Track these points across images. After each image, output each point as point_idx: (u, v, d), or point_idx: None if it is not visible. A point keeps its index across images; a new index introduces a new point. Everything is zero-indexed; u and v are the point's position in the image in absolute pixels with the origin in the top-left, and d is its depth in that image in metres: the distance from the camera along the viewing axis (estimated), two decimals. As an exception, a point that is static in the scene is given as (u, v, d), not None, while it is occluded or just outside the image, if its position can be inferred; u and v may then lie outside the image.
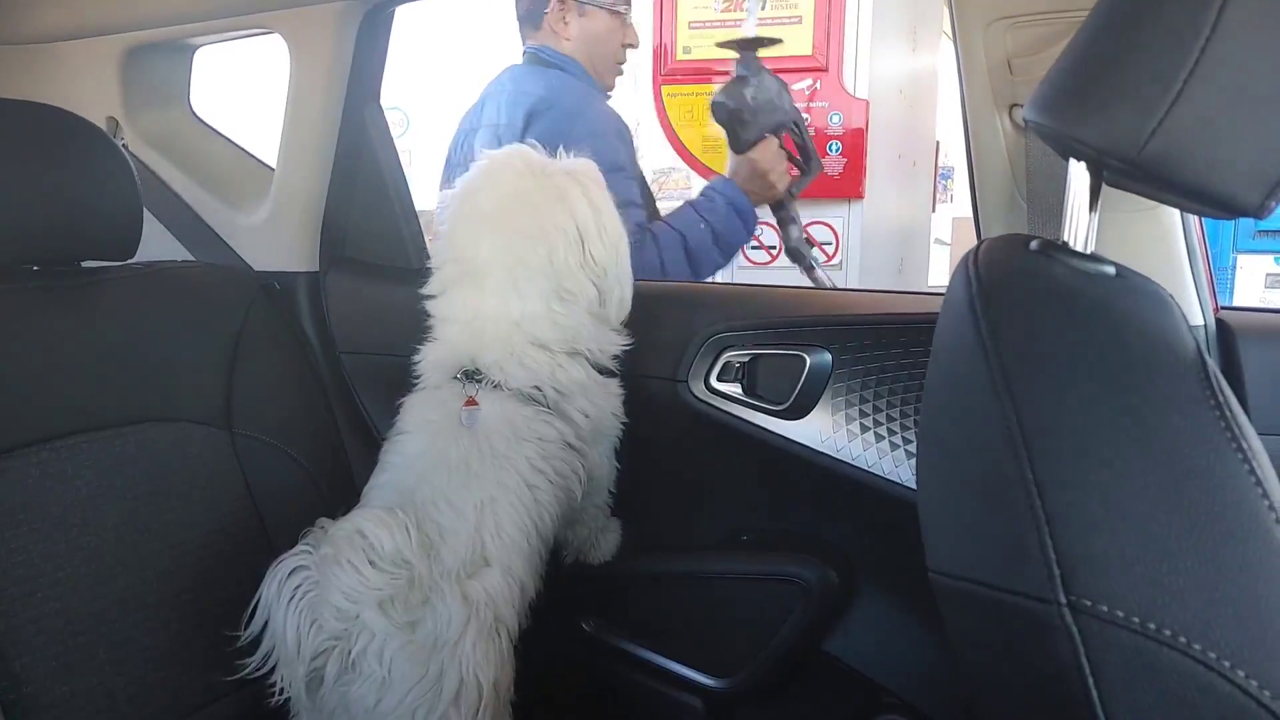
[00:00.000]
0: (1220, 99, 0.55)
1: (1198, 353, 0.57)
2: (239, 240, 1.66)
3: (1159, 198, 0.66)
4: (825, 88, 2.88)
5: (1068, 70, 0.64)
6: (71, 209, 1.20)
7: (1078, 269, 0.65)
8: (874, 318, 1.30)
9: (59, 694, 1.06)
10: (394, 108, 4.01)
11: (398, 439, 1.24)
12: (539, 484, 1.19)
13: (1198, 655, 0.50)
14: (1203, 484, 0.53)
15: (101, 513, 1.16)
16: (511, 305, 1.21)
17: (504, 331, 1.22)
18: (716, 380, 1.37)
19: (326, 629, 1.00)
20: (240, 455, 1.34)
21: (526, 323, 1.21)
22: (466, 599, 1.07)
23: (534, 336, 1.22)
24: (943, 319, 0.72)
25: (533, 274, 1.20)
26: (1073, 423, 0.56)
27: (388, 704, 1.02)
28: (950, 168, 5.61)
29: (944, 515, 0.69)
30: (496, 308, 1.22)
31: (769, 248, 2.97)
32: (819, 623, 1.38)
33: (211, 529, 1.27)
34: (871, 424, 1.25)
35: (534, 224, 1.20)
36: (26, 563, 1.07)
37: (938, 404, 0.72)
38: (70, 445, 1.15)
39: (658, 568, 1.49)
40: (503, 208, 1.22)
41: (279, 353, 1.48)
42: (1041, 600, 0.54)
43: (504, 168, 1.24)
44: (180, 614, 1.20)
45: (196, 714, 1.18)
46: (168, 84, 1.73)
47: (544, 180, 1.22)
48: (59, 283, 1.24)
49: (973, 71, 1.15)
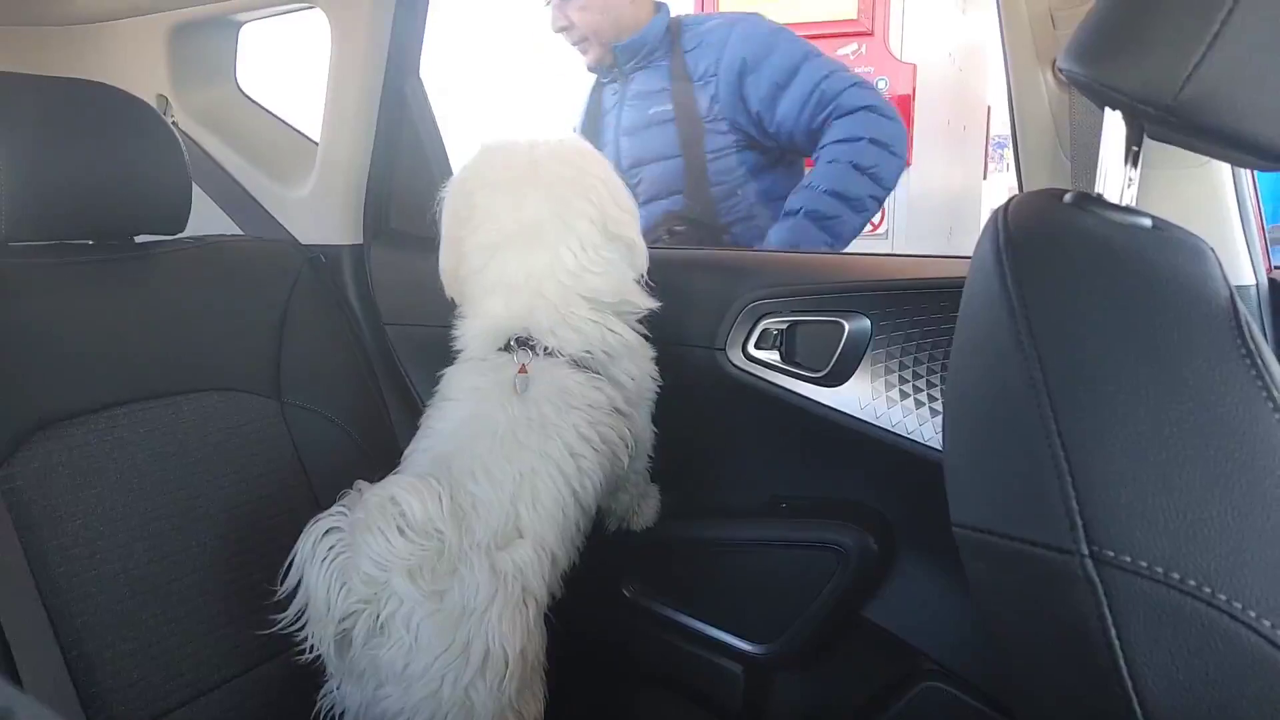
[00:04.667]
0: (1257, 43, 0.53)
1: (1230, 302, 0.56)
2: (285, 214, 1.70)
3: (1197, 147, 0.64)
4: (871, 52, 2.84)
5: (1102, 17, 0.63)
6: (124, 185, 1.24)
7: (1111, 220, 0.63)
8: (914, 283, 1.29)
9: (119, 650, 1.10)
10: (444, 90, 4.01)
11: (442, 406, 1.25)
12: (584, 452, 1.20)
13: (1222, 605, 0.49)
14: (1231, 433, 0.52)
15: (158, 478, 1.20)
16: (565, 257, 1.22)
17: (556, 291, 1.23)
18: (754, 348, 1.36)
19: (355, 592, 1.02)
20: (290, 423, 1.37)
21: (580, 275, 1.23)
22: (495, 570, 1.08)
23: (587, 289, 1.23)
24: (971, 273, 0.71)
25: (583, 219, 1.23)
26: (1097, 372, 0.55)
27: (415, 669, 1.04)
28: (1005, 137, 5.47)
29: (967, 468, 0.68)
30: (549, 263, 1.23)
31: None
32: (858, 589, 1.38)
33: (263, 494, 1.31)
34: (911, 390, 1.23)
35: (575, 174, 1.24)
36: (88, 525, 1.12)
37: (964, 357, 0.72)
38: (127, 413, 1.20)
39: (697, 534, 1.50)
40: (538, 166, 1.24)
41: (325, 324, 1.51)
42: (1063, 551, 0.54)
43: (511, 142, 1.29)
44: (233, 576, 1.24)
45: (249, 672, 1.22)
46: (214, 61, 1.77)
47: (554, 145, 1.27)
48: (113, 256, 1.28)
49: (1014, 25, 1.12)
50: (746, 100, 1.89)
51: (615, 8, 1.95)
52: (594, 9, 1.94)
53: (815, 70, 1.85)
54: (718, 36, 1.92)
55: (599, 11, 1.95)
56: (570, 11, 1.95)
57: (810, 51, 1.89)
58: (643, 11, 1.98)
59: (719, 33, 1.93)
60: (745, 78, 1.88)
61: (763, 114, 1.88)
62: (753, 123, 1.91)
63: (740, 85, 1.88)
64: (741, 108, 1.90)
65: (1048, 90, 1.14)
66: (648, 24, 1.97)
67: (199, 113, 1.73)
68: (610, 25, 1.96)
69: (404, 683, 1.05)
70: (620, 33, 1.97)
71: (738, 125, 1.92)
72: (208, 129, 1.72)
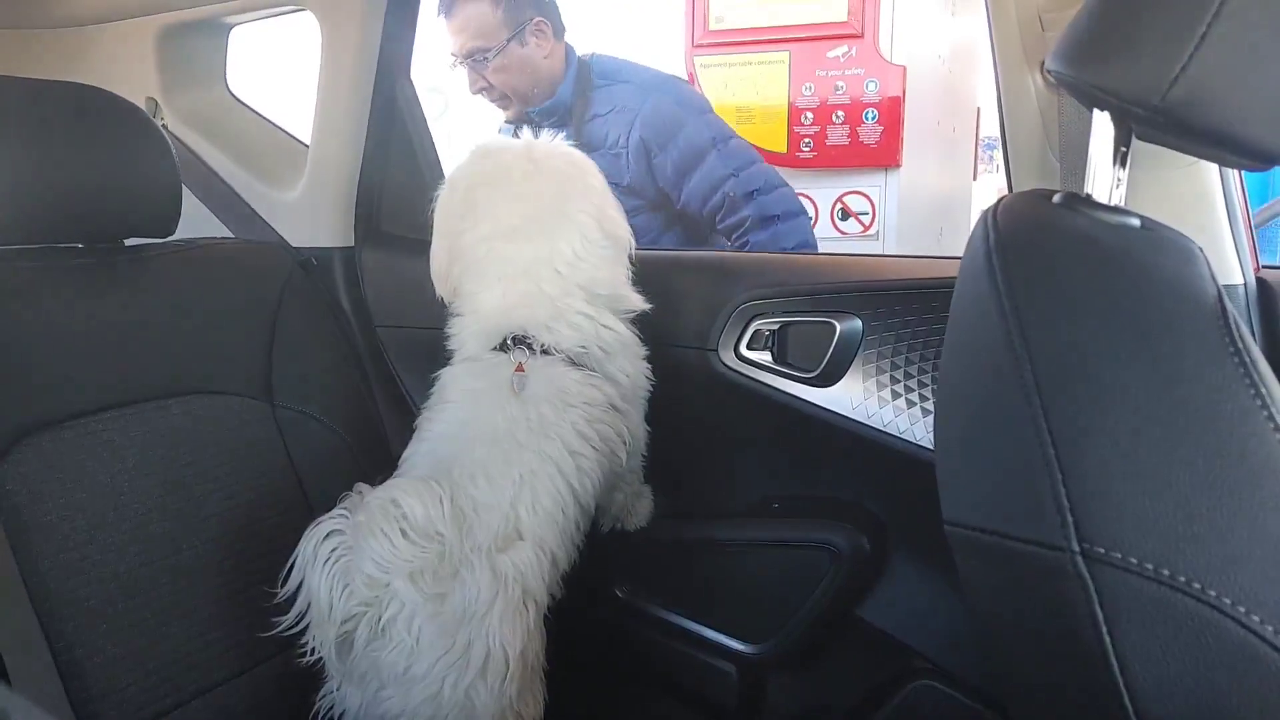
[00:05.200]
0: (1243, 43, 0.54)
1: (1219, 301, 0.56)
2: (276, 217, 1.69)
3: (1185, 148, 0.65)
4: (861, 54, 2.84)
5: (1090, 19, 0.63)
6: (113, 188, 1.23)
7: (1100, 220, 0.64)
8: (905, 283, 1.29)
9: (110, 655, 1.10)
10: (434, 89, 4.01)
11: (440, 408, 1.25)
12: (583, 450, 1.20)
13: (1212, 601, 0.50)
14: (1220, 431, 0.52)
15: (148, 481, 1.19)
16: (563, 248, 1.24)
17: (553, 282, 1.24)
18: (746, 348, 1.37)
19: (357, 595, 1.02)
20: (281, 426, 1.37)
21: (577, 265, 1.24)
22: (496, 573, 1.08)
23: (585, 279, 1.25)
24: (962, 273, 0.71)
25: (582, 213, 1.25)
26: (1087, 371, 0.56)
27: (417, 671, 1.04)
28: (995, 138, 5.50)
29: (959, 466, 0.69)
30: (548, 254, 1.24)
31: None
32: (851, 589, 1.39)
33: (255, 498, 1.31)
34: (903, 390, 1.24)
35: (575, 172, 1.28)
36: (79, 529, 1.11)
37: (955, 356, 0.72)
38: (117, 416, 1.19)
39: (690, 535, 1.50)
40: (539, 163, 1.27)
41: (316, 327, 1.51)
42: (1054, 548, 0.54)
43: (507, 142, 1.32)
44: (225, 580, 1.23)
45: (242, 675, 1.21)
46: (204, 64, 1.76)
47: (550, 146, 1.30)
48: (103, 260, 1.27)
49: (1003, 27, 1.13)
50: (654, 175, 1.95)
51: (532, 67, 1.94)
52: (510, 70, 1.93)
53: (721, 163, 1.93)
54: (631, 103, 1.94)
55: (515, 72, 1.94)
56: (488, 74, 1.94)
57: (719, 136, 1.95)
58: (557, 65, 1.97)
59: (631, 101, 1.94)
60: (652, 158, 1.93)
61: (669, 191, 1.96)
62: (661, 193, 1.98)
63: (647, 161, 1.94)
64: (650, 180, 1.96)
65: (1036, 92, 1.15)
66: (562, 81, 1.97)
67: (189, 115, 1.72)
68: (528, 84, 1.96)
69: (405, 684, 1.05)
70: (537, 87, 1.97)
71: (645, 194, 1.98)
72: (198, 131, 1.72)
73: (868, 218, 2.97)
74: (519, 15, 1.90)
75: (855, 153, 2.91)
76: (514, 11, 1.89)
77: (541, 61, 1.94)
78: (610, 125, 1.95)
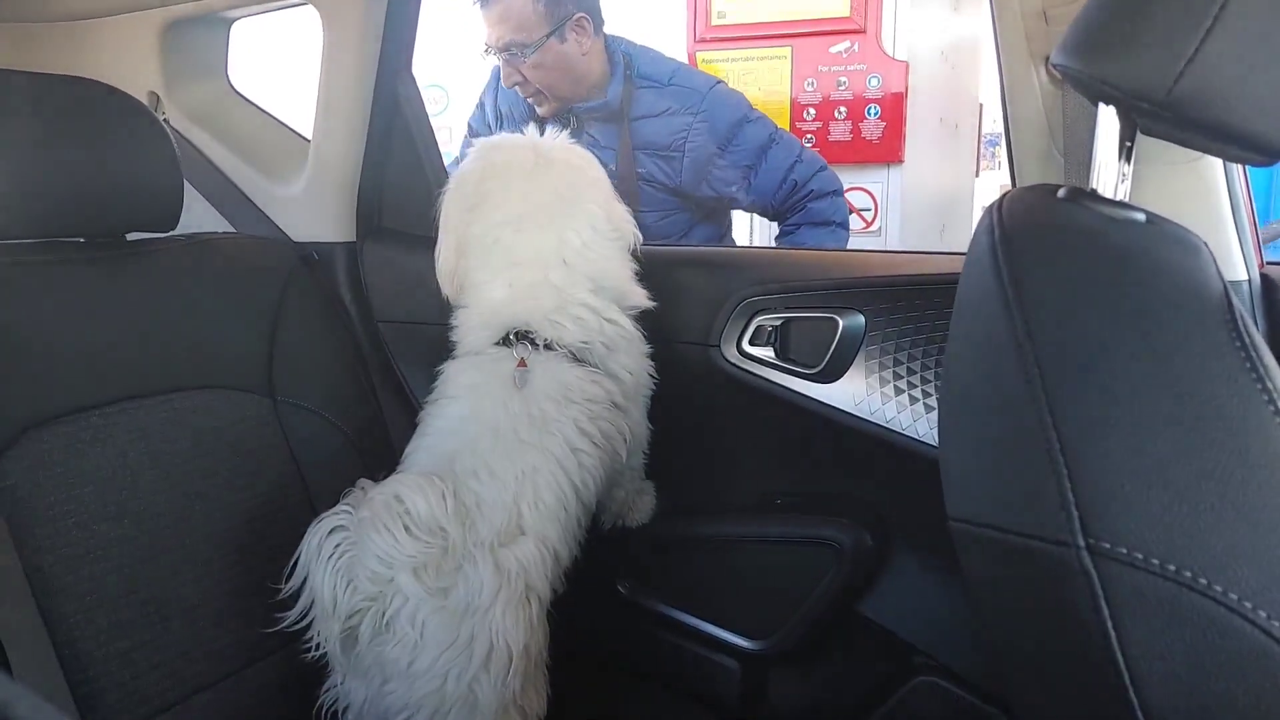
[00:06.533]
0: (1250, 37, 0.54)
1: (1225, 296, 0.56)
2: (277, 211, 1.69)
3: (1192, 143, 0.65)
4: (863, 50, 2.84)
5: (1096, 13, 0.63)
6: (115, 182, 1.23)
7: (1105, 215, 0.63)
8: (908, 279, 1.29)
9: (113, 650, 1.10)
10: (434, 85, 4.01)
11: (442, 403, 1.25)
12: (584, 447, 1.20)
13: (1218, 596, 0.50)
14: (1226, 426, 0.52)
15: (150, 476, 1.19)
16: (570, 238, 1.25)
17: (560, 272, 1.24)
18: (749, 344, 1.37)
19: (361, 590, 1.03)
20: (283, 421, 1.37)
21: (584, 254, 1.25)
22: (499, 568, 1.08)
23: (592, 269, 1.25)
24: (966, 268, 0.71)
25: (591, 204, 1.27)
26: (1093, 366, 0.56)
27: (420, 665, 1.05)
28: (997, 134, 5.48)
29: (963, 462, 0.69)
30: (556, 244, 1.24)
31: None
32: (853, 585, 1.39)
33: (257, 493, 1.31)
34: (905, 386, 1.24)
35: (584, 164, 1.30)
36: (80, 524, 1.11)
37: (959, 351, 0.72)
38: (119, 411, 1.19)
39: (692, 531, 1.50)
40: (548, 157, 1.28)
41: (318, 322, 1.51)
42: (1060, 544, 0.54)
43: (515, 139, 1.33)
44: (228, 574, 1.24)
45: (244, 671, 1.22)
46: (206, 58, 1.76)
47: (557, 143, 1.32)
48: (104, 254, 1.27)
49: (1007, 22, 1.12)
50: (710, 177, 1.96)
51: (570, 64, 1.91)
52: (548, 67, 1.90)
53: (784, 154, 1.97)
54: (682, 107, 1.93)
55: (553, 69, 1.91)
56: (524, 69, 1.91)
57: (773, 130, 1.98)
58: (596, 64, 1.95)
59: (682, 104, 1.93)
60: (715, 160, 1.95)
61: (728, 191, 1.98)
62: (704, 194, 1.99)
63: (708, 163, 1.95)
64: (700, 181, 1.96)
65: (1040, 87, 1.14)
66: (607, 83, 1.95)
67: (191, 110, 1.72)
68: (566, 82, 1.94)
69: (409, 679, 1.06)
70: (576, 87, 1.95)
71: (688, 194, 1.99)
72: (199, 126, 1.72)
73: (870, 213, 2.96)
74: (560, 10, 1.87)
75: (857, 148, 2.91)
76: (555, 6, 1.86)
77: (579, 59, 1.92)
78: (662, 128, 1.93)
